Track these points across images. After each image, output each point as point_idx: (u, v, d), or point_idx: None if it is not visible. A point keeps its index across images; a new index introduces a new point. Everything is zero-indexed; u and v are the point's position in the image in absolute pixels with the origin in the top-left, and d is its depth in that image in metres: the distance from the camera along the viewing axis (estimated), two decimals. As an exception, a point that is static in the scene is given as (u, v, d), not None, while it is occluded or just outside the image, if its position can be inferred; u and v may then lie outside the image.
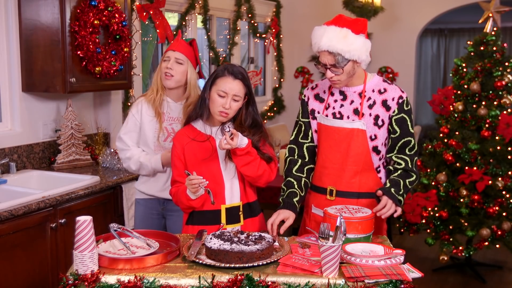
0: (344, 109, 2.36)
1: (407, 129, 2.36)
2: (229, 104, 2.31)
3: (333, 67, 2.24)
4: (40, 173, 3.44)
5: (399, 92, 2.36)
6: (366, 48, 2.25)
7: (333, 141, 2.37)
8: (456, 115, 4.37)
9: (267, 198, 3.93)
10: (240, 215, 2.43)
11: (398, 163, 2.35)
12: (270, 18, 6.67)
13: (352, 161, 2.35)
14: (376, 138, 2.35)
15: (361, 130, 2.32)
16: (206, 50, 5.52)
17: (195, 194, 2.29)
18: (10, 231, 2.65)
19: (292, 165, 2.49)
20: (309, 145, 2.49)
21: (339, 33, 2.20)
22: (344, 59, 2.21)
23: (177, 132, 2.48)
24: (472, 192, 4.22)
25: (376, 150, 2.37)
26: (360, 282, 1.82)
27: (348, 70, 2.25)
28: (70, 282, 1.85)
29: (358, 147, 2.33)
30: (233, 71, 2.33)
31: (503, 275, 4.56)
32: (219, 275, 1.88)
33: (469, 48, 4.43)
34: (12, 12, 3.39)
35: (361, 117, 2.32)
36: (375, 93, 2.34)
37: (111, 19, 3.49)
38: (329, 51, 2.21)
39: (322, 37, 2.22)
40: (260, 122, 2.43)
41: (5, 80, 3.43)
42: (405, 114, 2.34)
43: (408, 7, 6.48)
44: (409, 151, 2.36)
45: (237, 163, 2.34)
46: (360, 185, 2.37)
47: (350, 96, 2.36)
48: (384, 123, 2.34)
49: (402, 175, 2.32)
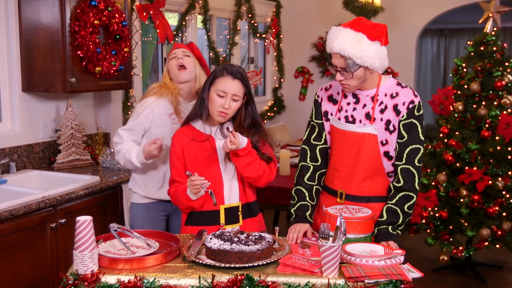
0: (356, 113, 2.30)
1: (416, 136, 2.25)
2: (228, 104, 2.30)
3: (343, 70, 2.19)
4: (40, 173, 3.44)
5: (411, 96, 2.26)
6: (380, 56, 2.17)
7: (345, 145, 2.33)
8: (456, 115, 4.37)
9: (267, 198, 3.93)
10: (239, 215, 2.43)
11: (398, 180, 2.26)
12: (270, 18, 6.67)
13: (362, 165, 2.30)
14: (388, 143, 2.28)
15: (372, 135, 2.27)
16: (206, 50, 5.52)
17: (195, 195, 2.29)
18: (10, 231, 2.65)
19: (304, 171, 2.43)
20: (322, 147, 2.43)
21: (354, 38, 2.15)
22: (355, 64, 2.16)
23: (176, 131, 2.47)
24: (472, 192, 4.22)
25: (388, 155, 2.30)
26: (360, 282, 1.82)
27: (358, 76, 2.19)
28: (70, 282, 1.85)
29: (368, 152, 2.28)
30: (232, 71, 2.33)
31: (503, 275, 4.56)
32: (219, 275, 1.88)
33: (469, 48, 4.43)
34: (12, 12, 3.39)
35: (373, 122, 2.26)
36: (387, 97, 2.27)
37: (111, 19, 3.49)
38: (341, 54, 2.16)
39: (336, 38, 2.17)
40: (259, 122, 2.43)
41: (5, 80, 3.43)
42: (415, 119, 2.25)
43: (408, 7, 6.48)
44: (418, 162, 2.26)
45: (238, 164, 2.33)
46: (370, 189, 2.33)
47: (363, 99, 2.30)
48: (395, 128, 2.26)
49: (400, 200, 2.24)
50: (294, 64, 7.09)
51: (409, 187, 2.25)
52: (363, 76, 2.21)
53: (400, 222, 2.24)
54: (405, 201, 2.25)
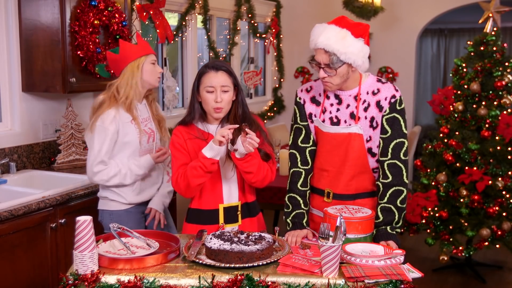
0: (340, 114, 2.31)
1: (400, 130, 2.27)
2: (220, 97, 2.29)
3: (327, 67, 2.19)
4: (40, 173, 3.44)
5: (393, 91, 2.28)
6: (363, 54, 2.19)
7: (331, 146, 2.34)
8: (456, 115, 4.37)
9: (267, 198, 3.93)
10: (238, 215, 2.42)
11: (386, 176, 2.27)
12: (270, 18, 6.67)
13: (350, 165, 2.32)
14: (371, 140, 2.30)
15: (358, 134, 2.28)
16: (206, 50, 5.52)
17: (213, 149, 2.19)
18: (10, 231, 2.66)
19: (297, 178, 2.42)
20: (312, 149, 2.43)
21: (338, 33, 2.16)
22: (339, 60, 2.16)
23: (177, 127, 2.43)
24: (472, 192, 4.22)
25: (371, 152, 2.32)
26: (360, 282, 1.82)
27: (342, 73, 2.20)
28: (70, 282, 1.85)
29: (355, 152, 2.30)
30: (214, 64, 2.34)
31: (503, 275, 4.56)
32: (219, 275, 1.88)
33: (469, 48, 4.43)
34: (12, 12, 3.39)
35: (357, 121, 2.28)
36: (369, 95, 2.28)
37: (111, 19, 3.49)
38: (325, 49, 2.16)
39: (320, 34, 2.18)
40: (248, 113, 2.40)
41: (5, 80, 3.43)
42: (398, 113, 2.27)
43: (408, 7, 6.48)
44: (404, 156, 2.28)
45: (246, 167, 2.28)
46: (357, 187, 2.36)
47: (346, 100, 2.31)
48: (378, 124, 2.28)
49: (391, 197, 2.25)
50: (294, 64, 7.09)
51: (398, 181, 2.26)
52: (346, 74, 2.22)
53: (396, 219, 2.25)
54: (397, 196, 2.26)
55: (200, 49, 5.55)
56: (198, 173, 2.24)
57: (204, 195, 2.41)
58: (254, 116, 2.44)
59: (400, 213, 2.26)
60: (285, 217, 2.42)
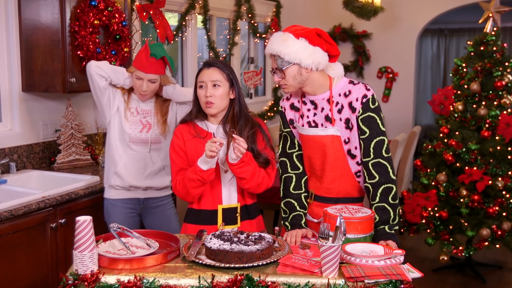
0: (317, 117, 2.35)
1: (378, 128, 2.27)
2: (209, 92, 2.32)
3: (277, 70, 2.26)
4: (40, 173, 3.44)
5: (364, 91, 2.28)
6: (309, 54, 2.20)
7: (311, 149, 2.37)
8: (456, 115, 4.37)
9: (267, 198, 3.93)
10: (237, 217, 2.42)
11: (372, 176, 2.27)
12: (270, 18, 6.67)
13: (329, 167, 2.34)
14: (349, 142, 2.32)
15: (335, 136, 2.31)
16: (206, 50, 5.52)
17: (208, 163, 2.23)
18: (10, 231, 2.66)
19: (288, 183, 2.45)
20: (298, 153, 2.46)
21: (281, 37, 2.24)
22: (284, 62, 2.22)
23: (179, 126, 2.46)
24: (472, 192, 4.22)
25: (350, 154, 2.33)
26: (360, 282, 1.82)
27: (292, 74, 2.23)
28: (70, 282, 1.85)
29: (334, 153, 2.32)
30: (208, 62, 2.39)
31: (503, 275, 4.56)
32: (219, 275, 1.88)
33: (469, 48, 4.43)
34: (12, 12, 3.39)
35: (334, 123, 2.30)
36: (341, 97, 2.30)
37: (111, 19, 3.49)
38: (271, 54, 2.26)
39: (269, 42, 2.28)
40: (246, 111, 2.41)
41: (5, 80, 3.43)
42: (372, 112, 2.27)
43: (408, 7, 6.48)
44: (386, 153, 2.28)
45: (239, 173, 2.29)
46: (339, 190, 2.37)
47: (320, 103, 2.33)
48: (353, 125, 2.29)
49: (382, 195, 2.25)
50: (294, 64, 7.08)
51: (385, 179, 2.27)
52: (298, 76, 2.25)
53: (392, 216, 2.25)
54: (387, 194, 2.26)
55: (200, 49, 5.55)
56: (197, 184, 2.30)
57: (204, 195, 2.41)
58: (258, 120, 2.45)
59: (395, 210, 2.27)
60: (283, 221, 2.43)
